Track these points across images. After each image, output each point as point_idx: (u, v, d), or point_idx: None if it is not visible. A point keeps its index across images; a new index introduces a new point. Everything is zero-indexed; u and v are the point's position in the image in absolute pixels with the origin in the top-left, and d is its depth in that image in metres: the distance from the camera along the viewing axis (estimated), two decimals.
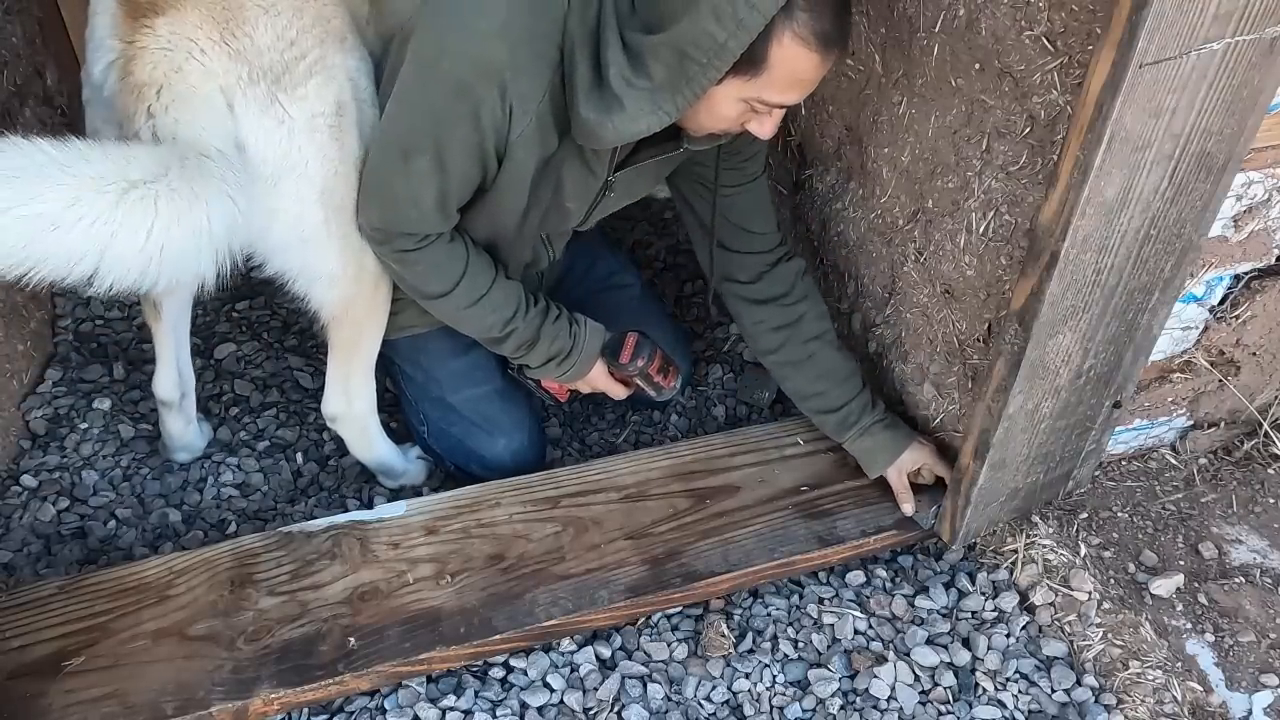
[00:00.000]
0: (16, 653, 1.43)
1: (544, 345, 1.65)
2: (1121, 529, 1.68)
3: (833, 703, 1.48)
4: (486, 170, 1.46)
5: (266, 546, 1.58)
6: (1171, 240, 1.34)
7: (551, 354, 1.66)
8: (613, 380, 1.75)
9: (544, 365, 1.68)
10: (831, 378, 1.73)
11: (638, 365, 1.69)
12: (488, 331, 1.64)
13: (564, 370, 1.69)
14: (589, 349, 1.69)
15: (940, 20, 1.50)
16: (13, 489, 1.81)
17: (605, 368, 1.73)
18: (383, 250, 1.54)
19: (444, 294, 1.57)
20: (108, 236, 1.19)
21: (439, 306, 1.61)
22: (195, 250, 1.28)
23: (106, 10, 1.36)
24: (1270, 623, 1.54)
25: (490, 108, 1.35)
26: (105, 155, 1.23)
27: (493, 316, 1.61)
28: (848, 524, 1.65)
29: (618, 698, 1.48)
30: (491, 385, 1.84)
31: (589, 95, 1.33)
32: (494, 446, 1.81)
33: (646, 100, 1.30)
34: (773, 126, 1.40)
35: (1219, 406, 1.76)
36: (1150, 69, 1.08)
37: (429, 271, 1.55)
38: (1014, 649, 1.55)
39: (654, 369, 1.71)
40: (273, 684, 1.39)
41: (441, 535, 1.61)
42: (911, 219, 1.70)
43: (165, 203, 1.23)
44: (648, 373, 1.71)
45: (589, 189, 1.57)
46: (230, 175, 1.32)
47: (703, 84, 1.27)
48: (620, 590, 1.54)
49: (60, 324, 2.16)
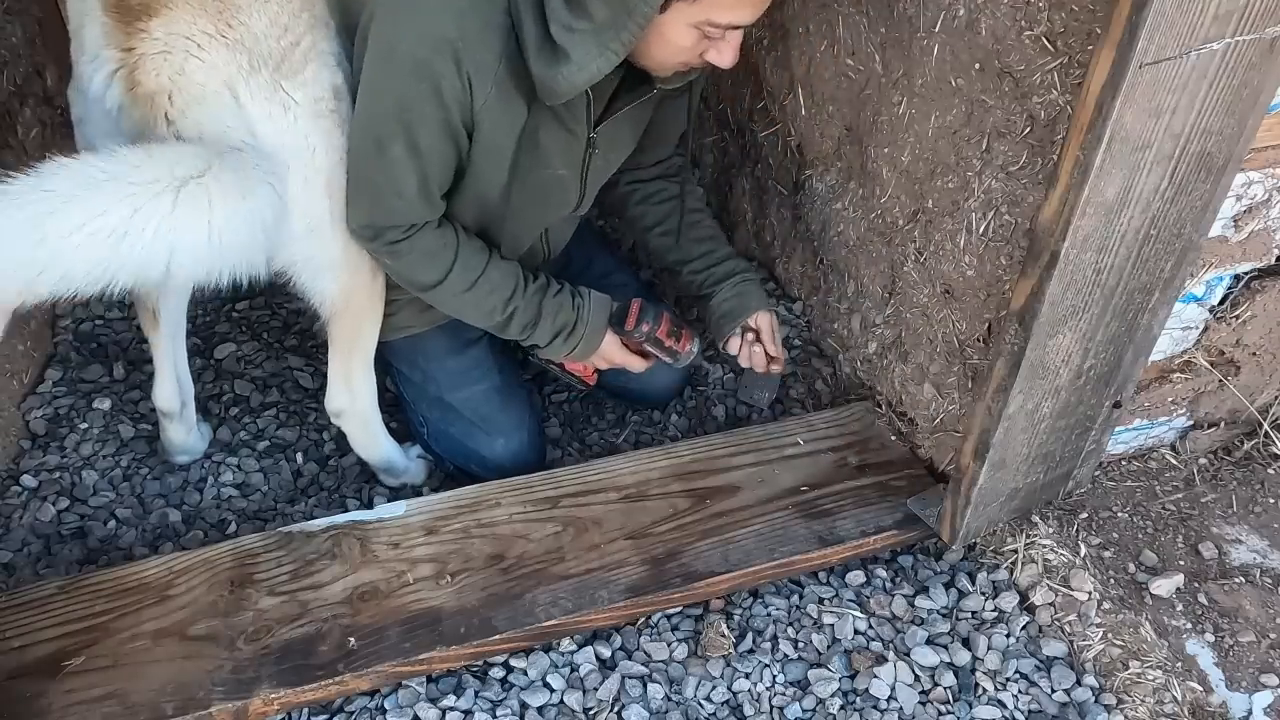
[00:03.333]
0: (16, 653, 1.43)
1: (548, 321, 1.65)
2: (1121, 529, 1.68)
3: (833, 703, 1.48)
4: (459, 147, 1.47)
5: (266, 546, 1.58)
6: (1171, 240, 1.34)
7: (557, 329, 1.66)
8: (628, 352, 1.73)
9: (552, 343, 1.67)
10: (716, 239, 1.92)
11: (644, 330, 1.67)
12: (490, 316, 1.63)
13: (573, 345, 1.68)
14: (595, 321, 1.68)
15: (940, 20, 1.50)
16: (13, 489, 1.81)
17: (617, 340, 1.71)
18: (374, 246, 1.54)
19: (439, 281, 1.57)
20: (172, 236, 1.21)
21: (437, 296, 1.60)
22: (252, 238, 1.30)
23: (95, 20, 1.33)
24: (1270, 623, 1.54)
25: (450, 82, 1.37)
26: (151, 159, 1.24)
27: (492, 298, 1.61)
28: (848, 524, 1.65)
29: (618, 698, 1.48)
30: (490, 383, 1.84)
31: (539, 52, 1.35)
32: (493, 447, 1.81)
33: (592, 42, 1.31)
34: (732, 54, 1.40)
35: (1219, 406, 1.76)
36: (1150, 69, 1.08)
37: (421, 261, 1.55)
38: (1014, 649, 1.55)
39: (663, 332, 1.68)
40: (273, 684, 1.39)
41: (441, 535, 1.61)
42: (911, 219, 1.70)
43: (218, 196, 1.25)
44: (657, 337, 1.68)
45: (573, 150, 1.57)
46: (264, 164, 1.34)
47: (645, 13, 1.28)
48: (620, 590, 1.54)
49: (60, 324, 2.16)
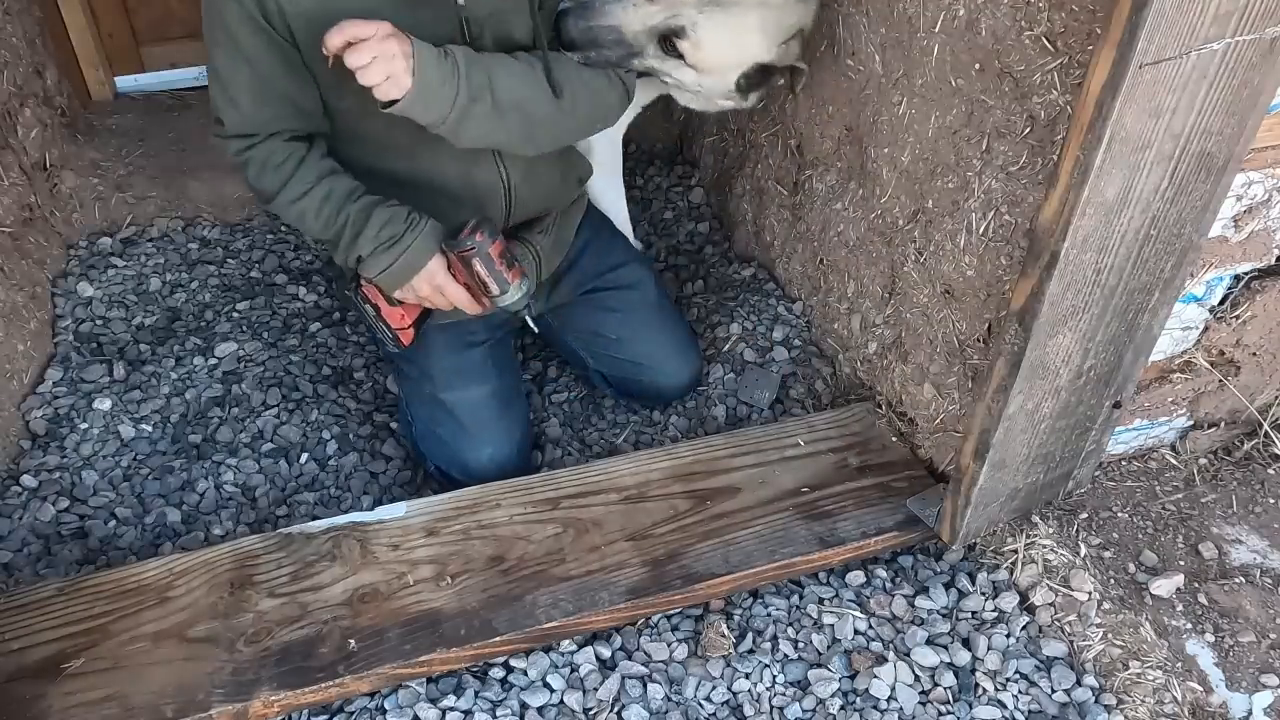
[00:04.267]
0: (16, 655, 1.43)
1: (374, 227, 1.57)
2: (1121, 529, 1.68)
3: (833, 703, 1.48)
4: (283, 50, 1.49)
5: (266, 548, 1.58)
6: (1171, 240, 1.34)
7: (383, 238, 1.57)
8: (452, 279, 1.63)
9: (374, 253, 1.58)
10: None
11: (476, 240, 1.56)
12: (326, 225, 1.58)
13: (395, 255, 1.58)
14: (424, 240, 1.59)
15: (940, 20, 1.50)
16: (13, 489, 1.81)
17: (444, 265, 1.62)
18: (230, 151, 1.60)
19: (277, 191, 1.59)
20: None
21: (278, 205, 1.61)
22: None
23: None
24: (1270, 623, 1.54)
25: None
26: None
27: (327, 205, 1.58)
28: (848, 525, 1.65)
29: (618, 698, 1.48)
30: (487, 388, 1.84)
31: None
32: (479, 454, 1.80)
33: None
34: None
35: (1219, 406, 1.76)
36: (1150, 69, 1.08)
37: (262, 171, 1.59)
38: (1014, 649, 1.55)
39: (495, 251, 1.58)
40: (273, 686, 1.39)
41: (442, 537, 1.61)
42: (911, 219, 1.70)
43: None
44: (488, 253, 1.57)
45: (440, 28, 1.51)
46: None
47: None
48: (621, 592, 1.53)
49: (60, 324, 2.17)
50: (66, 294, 2.23)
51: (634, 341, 1.97)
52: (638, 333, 1.97)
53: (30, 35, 2.33)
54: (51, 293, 2.22)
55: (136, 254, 2.37)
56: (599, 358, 2.01)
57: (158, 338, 2.16)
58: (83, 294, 2.24)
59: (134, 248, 2.39)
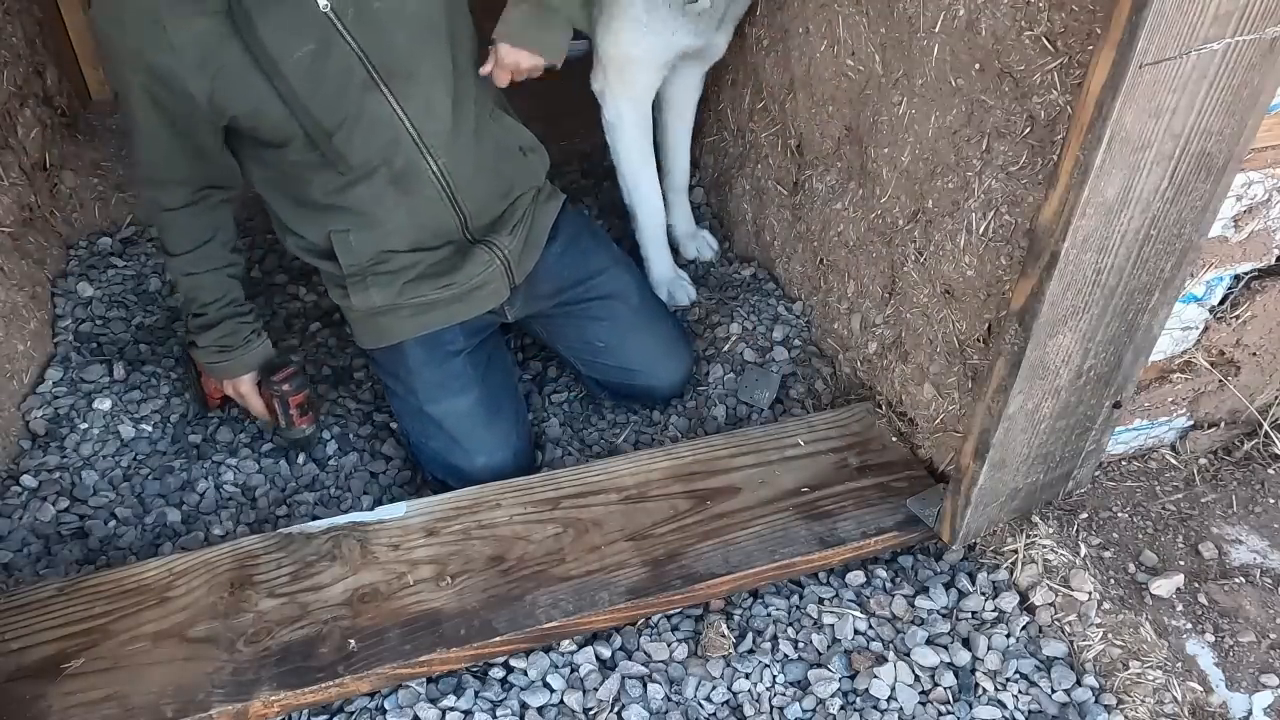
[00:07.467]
0: (16, 655, 1.43)
1: (217, 333, 1.79)
2: (1121, 529, 1.68)
3: (833, 703, 1.48)
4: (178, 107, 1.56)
5: (266, 548, 1.58)
6: (1171, 240, 1.34)
7: (219, 344, 1.79)
8: (257, 395, 1.85)
9: (208, 348, 1.80)
10: None
11: (282, 389, 1.81)
12: (187, 304, 1.80)
13: (222, 359, 1.81)
14: (252, 356, 1.82)
15: (940, 20, 1.50)
16: (13, 489, 1.81)
17: (254, 382, 1.85)
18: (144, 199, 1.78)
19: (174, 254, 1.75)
20: None
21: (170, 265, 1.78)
22: None
23: None
24: (1270, 623, 1.54)
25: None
26: None
27: (201, 294, 1.77)
28: (848, 525, 1.65)
29: (618, 698, 1.48)
30: (471, 397, 1.83)
31: None
32: (473, 463, 1.80)
33: None
34: None
35: (1219, 406, 1.76)
36: (1150, 69, 1.08)
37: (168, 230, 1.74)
38: (1014, 649, 1.55)
39: (295, 401, 1.83)
40: (273, 686, 1.39)
41: (442, 537, 1.61)
42: (911, 219, 1.70)
43: None
44: (287, 400, 1.82)
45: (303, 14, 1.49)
46: None
47: None
48: (621, 592, 1.53)
49: (60, 324, 2.17)
50: (66, 294, 2.23)
51: (623, 349, 1.96)
52: (625, 339, 1.96)
53: (30, 35, 2.33)
54: (51, 293, 2.22)
55: (136, 254, 2.37)
56: (591, 366, 2.00)
57: (158, 338, 2.16)
58: (83, 294, 2.24)
59: (134, 248, 2.39)
